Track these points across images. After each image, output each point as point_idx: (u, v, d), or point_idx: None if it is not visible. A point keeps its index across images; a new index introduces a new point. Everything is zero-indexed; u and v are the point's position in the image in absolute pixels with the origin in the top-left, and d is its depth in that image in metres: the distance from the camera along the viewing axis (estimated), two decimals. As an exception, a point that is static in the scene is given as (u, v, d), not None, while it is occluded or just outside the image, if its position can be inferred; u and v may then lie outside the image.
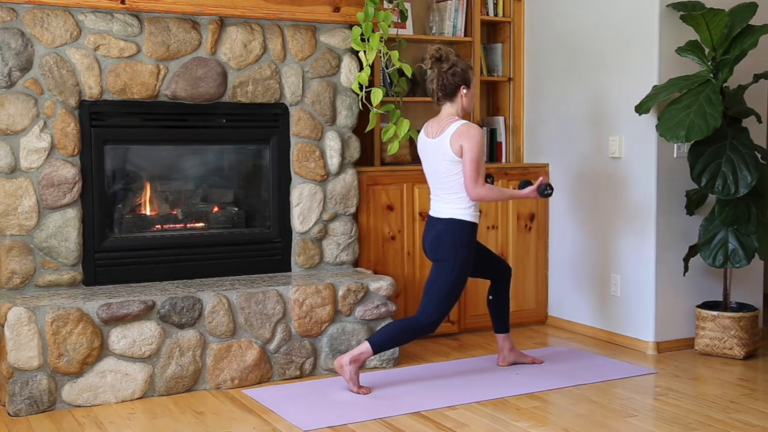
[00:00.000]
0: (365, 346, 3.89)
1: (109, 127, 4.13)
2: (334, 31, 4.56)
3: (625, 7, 4.65)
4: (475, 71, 5.19)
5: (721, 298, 4.66)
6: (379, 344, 3.91)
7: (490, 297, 4.32)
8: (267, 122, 4.47)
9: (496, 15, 5.32)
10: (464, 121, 3.90)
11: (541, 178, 4.08)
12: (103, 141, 4.12)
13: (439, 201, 3.99)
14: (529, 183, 4.13)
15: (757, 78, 4.40)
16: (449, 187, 3.92)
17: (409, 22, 5.06)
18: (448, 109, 3.97)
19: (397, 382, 4.07)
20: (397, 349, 4.35)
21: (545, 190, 4.04)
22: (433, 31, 5.20)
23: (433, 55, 3.93)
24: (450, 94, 3.94)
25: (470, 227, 3.93)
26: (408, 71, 4.34)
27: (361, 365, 3.92)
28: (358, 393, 3.87)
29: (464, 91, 3.94)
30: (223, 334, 3.98)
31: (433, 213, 4.02)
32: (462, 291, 4.02)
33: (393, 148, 4.35)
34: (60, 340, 3.65)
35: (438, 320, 3.96)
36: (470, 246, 3.95)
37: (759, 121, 4.49)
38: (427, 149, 4.01)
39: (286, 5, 4.35)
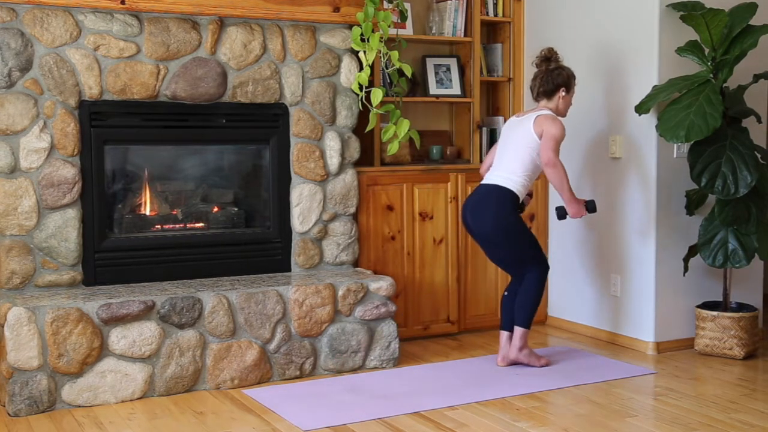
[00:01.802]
0: (519, 330, 4.20)
1: (109, 127, 4.13)
2: (334, 31, 4.56)
3: (625, 8, 4.65)
4: (475, 71, 5.20)
5: (721, 298, 4.66)
6: (524, 319, 4.20)
7: (506, 293, 4.36)
8: (267, 122, 4.47)
9: (496, 15, 5.32)
10: (554, 114, 4.20)
11: (591, 199, 4.31)
12: (103, 141, 4.12)
13: (494, 172, 4.23)
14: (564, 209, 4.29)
15: (757, 78, 4.40)
16: (511, 161, 4.15)
17: (409, 22, 5.06)
18: (544, 104, 4.24)
19: (397, 382, 4.07)
20: (396, 349, 4.35)
21: (592, 205, 4.24)
22: (433, 31, 5.20)
23: (545, 54, 4.29)
24: (549, 93, 4.22)
25: (512, 197, 4.12)
26: (408, 71, 4.33)
27: (526, 345, 4.24)
28: (545, 365, 4.24)
29: (563, 93, 4.24)
30: (223, 334, 3.98)
31: (484, 182, 4.24)
32: (533, 236, 4.29)
33: (393, 148, 4.34)
34: (60, 341, 3.65)
35: (544, 264, 4.26)
36: (514, 216, 4.13)
37: (759, 121, 4.48)
38: (510, 126, 4.31)
39: (286, 5, 4.35)
